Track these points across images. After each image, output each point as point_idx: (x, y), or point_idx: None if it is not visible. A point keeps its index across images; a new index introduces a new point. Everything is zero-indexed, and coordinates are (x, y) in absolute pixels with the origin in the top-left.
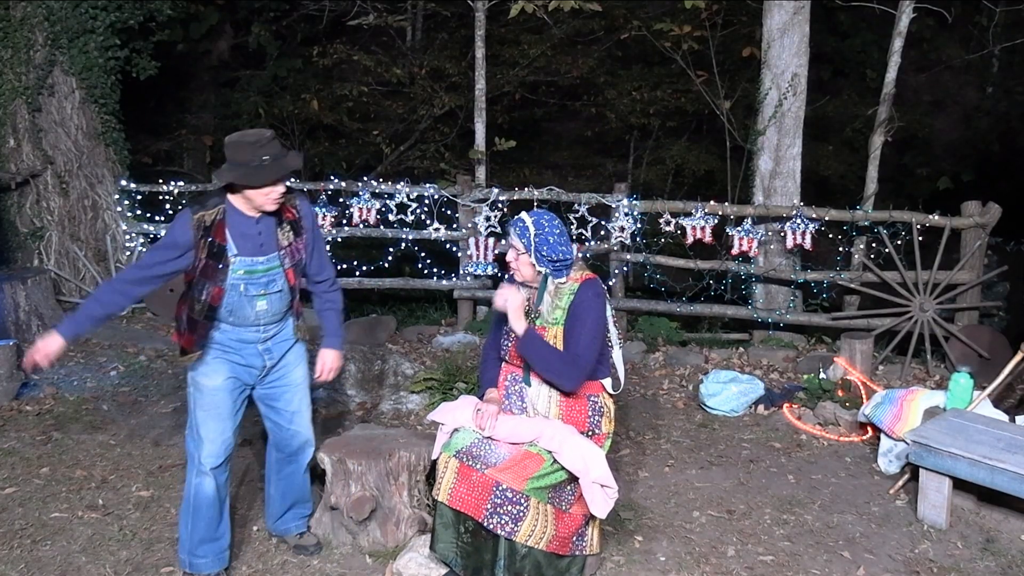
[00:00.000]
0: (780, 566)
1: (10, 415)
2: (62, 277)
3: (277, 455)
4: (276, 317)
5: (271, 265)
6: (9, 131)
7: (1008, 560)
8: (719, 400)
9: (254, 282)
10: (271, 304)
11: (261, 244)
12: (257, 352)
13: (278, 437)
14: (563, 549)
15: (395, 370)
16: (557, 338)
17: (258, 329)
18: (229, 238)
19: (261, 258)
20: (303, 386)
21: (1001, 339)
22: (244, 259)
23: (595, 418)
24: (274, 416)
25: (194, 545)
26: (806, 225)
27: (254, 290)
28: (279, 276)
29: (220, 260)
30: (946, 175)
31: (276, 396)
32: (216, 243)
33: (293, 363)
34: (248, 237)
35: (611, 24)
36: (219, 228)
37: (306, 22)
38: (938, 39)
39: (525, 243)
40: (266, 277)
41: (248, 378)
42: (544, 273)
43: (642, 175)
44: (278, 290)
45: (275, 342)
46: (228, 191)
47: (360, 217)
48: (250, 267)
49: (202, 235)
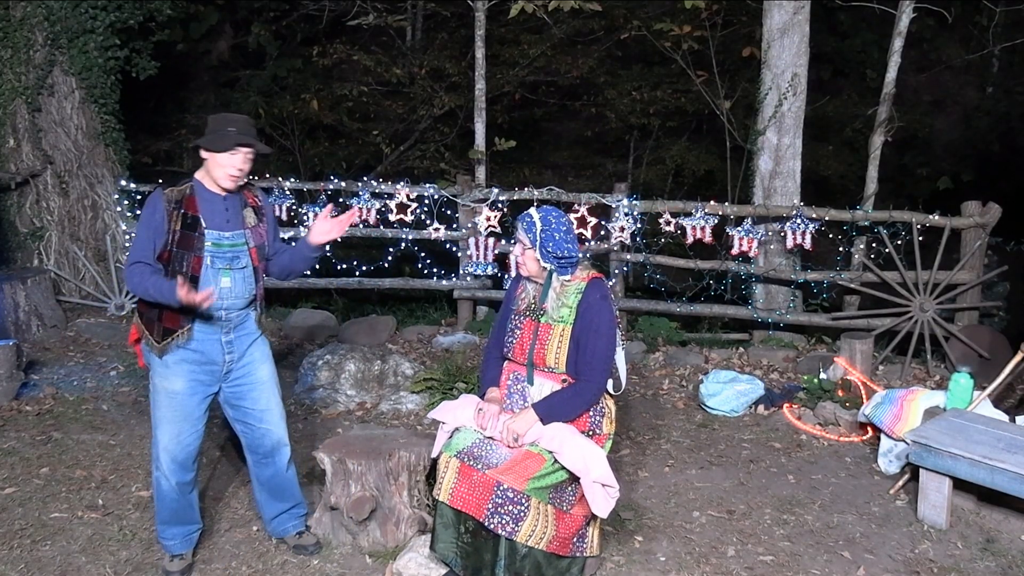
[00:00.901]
0: (780, 566)
1: (10, 415)
2: (62, 277)
3: (253, 458)
4: (239, 301)
5: (236, 242)
6: (9, 131)
7: (1008, 560)
8: (719, 400)
9: (220, 255)
10: (235, 282)
11: (227, 220)
12: (219, 345)
13: (250, 439)
14: (563, 550)
15: (395, 370)
16: (563, 336)
17: (221, 313)
18: (200, 211)
19: (227, 233)
20: (270, 384)
21: (1001, 339)
22: (211, 232)
23: (596, 418)
24: (242, 417)
25: (163, 526)
26: (806, 225)
27: (220, 263)
28: (243, 253)
29: (195, 229)
30: (946, 175)
31: (242, 395)
32: (188, 214)
33: (258, 360)
34: (216, 212)
35: (611, 24)
36: (189, 201)
37: (306, 22)
38: (938, 39)
39: (531, 238)
40: (231, 252)
41: (210, 379)
42: (549, 270)
43: (642, 175)
44: (242, 266)
45: (237, 334)
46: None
47: (360, 217)
48: (216, 240)
49: (174, 207)
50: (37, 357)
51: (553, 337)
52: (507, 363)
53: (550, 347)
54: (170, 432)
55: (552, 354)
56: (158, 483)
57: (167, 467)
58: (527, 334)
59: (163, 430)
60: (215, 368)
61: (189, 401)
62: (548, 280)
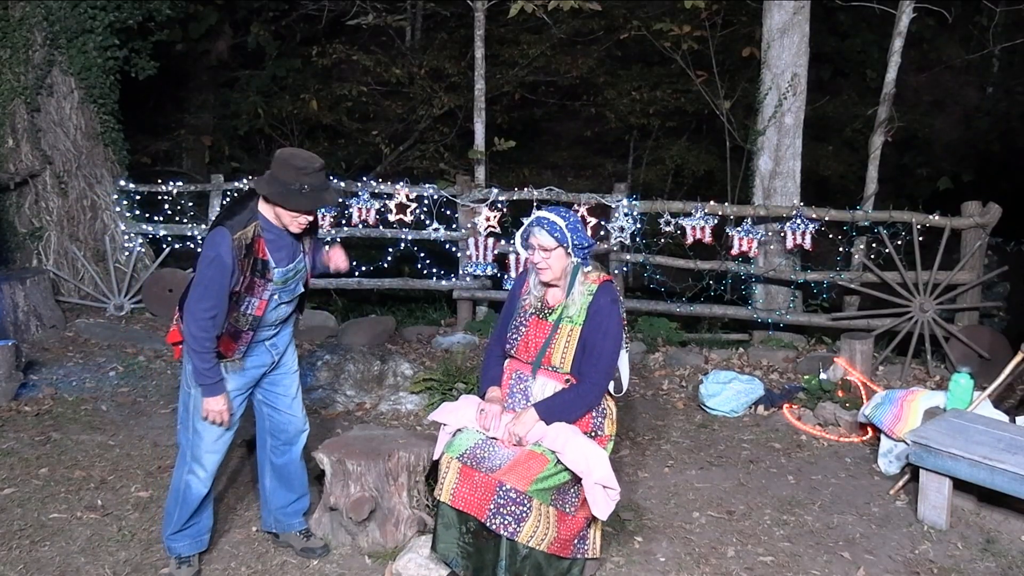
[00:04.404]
0: (780, 567)
1: (9, 415)
2: (61, 277)
3: (272, 443)
4: (286, 315)
5: (299, 268)
6: (8, 131)
7: (1008, 561)
8: (719, 400)
9: (286, 289)
10: (289, 306)
11: (293, 253)
12: (266, 349)
13: (275, 423)
14: (564, 551)
15: (394, 370)
16: (572, 336)
17: (273, 328)
18: (268, 253)
19: (291, 265)
20: (297, 373)
21: (1001, 339)
22: (279, 270)
23: (598, 420)
24: (272, 401)
25: (177, 531)
26: (806, 225)
27: (286, 297)
28: (301, 282)
29: (264, 275)
30: (946, 175)
31: (277, 381)
32: (259, 260)
33: (292, 350)
34: (283, 247)
35: (611, 24)
36: (258, 245)
37: (305, 22)
38: (938, 39)
39: (558, 237)
40: (294, 282)
41: (254, 379)
42: (576, 264)
43: (642, 175)
44: (300, 293)
45: (280, 336)
46: (260, 200)
47: (359, 217)
48: (283, 276)
49: (244, 254)
50: (36, 357)
51: (560, 337)
52: (509, 362)
53: (556, 346)
54: (215, 434)
55: (559, 354)
56: (188, 486)
57: (210, 468)
58: (532, 332)
59: (209, 432)
60: (263, 369)
61: (234, 403)
62: (574, 275)
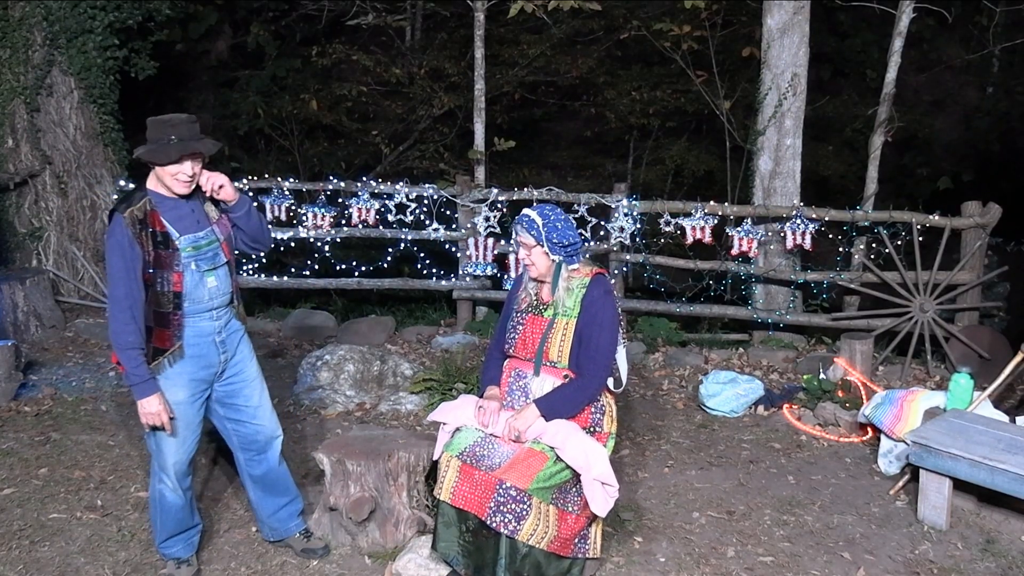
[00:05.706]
0: (780, 567)
1: (8, 416)
2: (60, 277)
3: (245, 456)
4: (224, 298)
5: (210, 239)
6: (7, 131)
7: (1008, 561)
8: (719, 401)
9: (202, 257)
10: (219, 280)
11: (197, 220)
12: (214, 345)
13: (242, 436)
14: (564, 550)
15: (394, 371)
16: (567, 330)
17: (212, 315)
18: (167, 223)
19: (201, 232)
20: (259, 380)
21: (1001, 339)
22: (187, 236)
23: (596, 416)
24: (235, 415)
25: (165, 537)
26: (806, 225)
27: (204, 265)
28: (218, 249)
29: (168, 246)
30: (946, 175)
31: (235, 392)
32: (157, 232)
33: (247, 356)
34: (183, 216)
35: (611, 24)
36: (152, 217)
37: (305, 22)
38: (938, 39)
39: (535, 235)
40: (210, 250)
41: (209, 382)
42: (558, 261)
43: (642, 175)
44: (224, 263)
45: (227, 332)
46: (149, 177)
47: (359, 217)
48: (195, 242)
49: (139, 229)
50: (36, 358)
51: (556, 331)
52: (508, 361)
53: (553, 341)
54: (175, 443)
55: (555, 348)
56: (162, 496)
57: (175, 478)
58: (529, 328)
59: (168, 443)
60: (212, 370)
61: (190, 409)
62: (557, 272)
